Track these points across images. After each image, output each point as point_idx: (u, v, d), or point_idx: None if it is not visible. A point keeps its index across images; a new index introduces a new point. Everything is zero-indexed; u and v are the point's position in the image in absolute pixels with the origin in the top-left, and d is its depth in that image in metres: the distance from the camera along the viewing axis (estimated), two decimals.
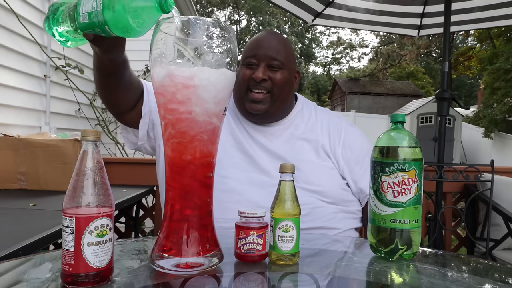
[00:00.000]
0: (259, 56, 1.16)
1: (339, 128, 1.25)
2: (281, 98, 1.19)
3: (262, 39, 1.20)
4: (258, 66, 1.16)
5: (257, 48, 1.17)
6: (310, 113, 1.29)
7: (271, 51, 1.16)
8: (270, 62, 1.16)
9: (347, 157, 1.21)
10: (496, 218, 2.02)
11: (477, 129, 13.57)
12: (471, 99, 28.69)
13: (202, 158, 0.72)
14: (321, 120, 1.27)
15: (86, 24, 0.77)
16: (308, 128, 1.24)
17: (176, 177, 0.72)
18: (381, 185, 0.78)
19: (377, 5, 2.94)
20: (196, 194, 0.72)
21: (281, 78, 1.17)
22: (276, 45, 1.18)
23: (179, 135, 0.71)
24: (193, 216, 0.72)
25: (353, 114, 14.41)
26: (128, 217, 2.24)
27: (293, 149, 1.19)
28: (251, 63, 1.17)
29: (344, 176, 1.21)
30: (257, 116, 1.19)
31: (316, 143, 1.21)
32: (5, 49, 2.50)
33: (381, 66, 31.13)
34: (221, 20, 0.73)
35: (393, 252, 0.78)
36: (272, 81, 1.16)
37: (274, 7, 29.35)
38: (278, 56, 1.16)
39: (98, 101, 3.90)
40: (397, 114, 0.82)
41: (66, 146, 1.90)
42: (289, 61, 1.19)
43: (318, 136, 1.22)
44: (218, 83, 0.70)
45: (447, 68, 2.14)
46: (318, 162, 1.19)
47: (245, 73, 1.17)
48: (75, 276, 0.60)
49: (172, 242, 0.71)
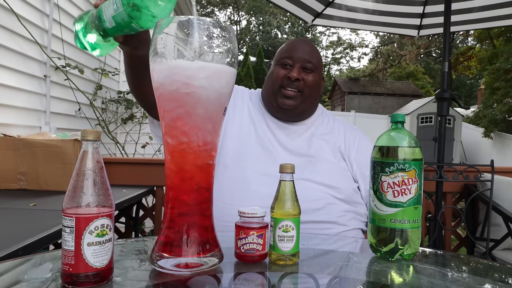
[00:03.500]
0: (295, 57, 1.26)
1: (354, 135, 1.35)
2: (310, 98, 1.28)
3: (297, 43, 1.31)
4: (293, 67, 1.26)
5: (292, 51, 1.27)
6: (329, 119, 1.38)
7: (306, 54, 1.27)
8: (304, 64, 1.26)
9: (360, 162, 1.27)
10: (496, 218, 2.02)
11: (477, 129, 13.56)
12: (471, 99, 28.69)
13: (202, 159, 0.72)
14: (338, 126, 1.36)
15: (114, 28, 0.80)
16: (327, 131, 1.33)
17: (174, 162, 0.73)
18: (381, 185, 0.78)
19: (377, 5, 2.94)
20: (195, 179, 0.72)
21: (313, 80, 1.27)
22: (310, 49, 1.29)
23: (179, 135, 0.71)
24: (191, 203, 0.72)
25: (353, 114, 14.40)
26: (128, 217, 2.24)
27: (313, 147, 1.27)
28: (286, 63, 1.27)
29: (356, 179, 1.27)
30: (287, 112, 1.27)
31: (334, 145, 1.29)
32: (5, 49, 2.50)
33: (381, 66, 31.13)
34: (221, 20, 0.72)
35: (393, 252, 0.78)
36: (305, 81, 1.25)
37: (274, 7, 29.35)
38: (311, 59, 1.27)
39: (98, 101, 3.91)
40: (397, 114, 0.82)
41: (66, 146, 1.90)
42: (319, 65, 1.31)
43: (335, 138, 1.31)
44: (218, 83, 0.70)
45: (447, 68, 2.14)
46: (334, 162, 1.26)
47: (280, 72, 1.27)
48: (75, 276, 0.60)
49: (172, 242, 0.70)
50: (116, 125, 4.16)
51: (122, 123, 4.19)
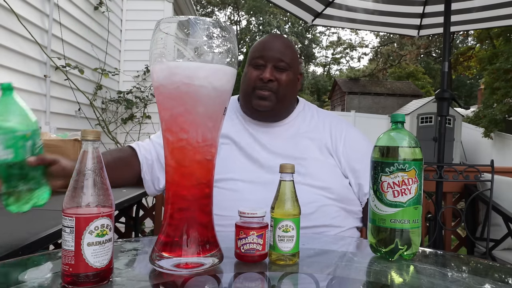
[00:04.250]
0: (267, 57, 1.20)
1: (340, 128, 1.29)
2: (285, 98, 1.23)
3: (269, 41, 1.24)
4: (265, 67, 1.21)
5: (264, 50, 1.22)
6: (312, 114, 1.33)
7: (278, 53, 1.21)
8: (277, 63, 1.20)
9: (348, 156, 1.23)
10: (496, 218, 2.02)
11: (477, 129, 13.56)
12: (471, 99, 28.69)
13: (202, 159, 0.72)
14: (323, 120, 1.31)
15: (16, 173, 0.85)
16: (311, 128, 1.28)
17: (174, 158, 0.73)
18: (381, 185, 0.78)
19: (377, 5, 2.94)
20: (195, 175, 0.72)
21: (287, 79, 1.21)
22: (282, 47, 1.23)
23: (179, 132, 0.71)
24: (191, 198, 0.72)
25: (353, 114, 14.40)
26: (128, 217, 2.24)
27: (298, 147, 1.22)
28: (259, 64, 1.21)
29: (346, 174, 1.23)
30: (262, 114, 1.23)
31: (320, 142, 1.24)
32: (5, 49, 2.50)
33: (381, 66, 31.13)
34: (221, 20, 0.72)
35: (393, 252, 0.78)
36: (278, 81, 1.20)
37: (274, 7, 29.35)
38: (284, 57, 1.21)
39: (98, 101, 3.91)
40: (397, 114, 0.82)
41: (66, 146, 1.90)
42: (293, 63, 1.24)
43: (321, 134, 1.26)
44: (218, 82, 0.70)
45: (447, 68, 2.14)
46: (322, 159, 1.22)
47: (252, 73, 1.22)
48: (75, 276, 0.60)
49: (172, 242, 0.71)
50: (116, 125, 4.16)
51: (122, 123, 4.19)
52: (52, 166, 0.96)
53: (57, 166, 0.96)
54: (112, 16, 4.14)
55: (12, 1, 2.47)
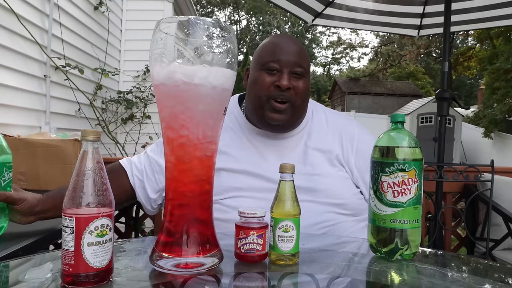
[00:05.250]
0: (283, 61, 1.06)
1: (351, 135, 1.19)
2: (301, 109, 1.12)
3: (282, 42, 1.10)
4: (281, 73, 1.07)
5: (279, 52, 1.07)
6: (321, 120, 1.22)
7: (295, 56, 1.07)
8: (293, 68, 1.07)
9: (360, 166, 1.16)
10: (496, 218, 2.02)
11: (477, 129, 13.56)
12: (471, 99, 28.69)
13: (203, 158, 0.72)
14: (333, 128, 1.20)
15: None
16: (321, 137, 1.18)
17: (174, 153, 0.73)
18: (381, 185, 0.78)
19: (377, 5, 2.94)
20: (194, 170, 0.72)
21: (304, 87, 1.09)
22: (298, 50, 1.10)
23: (179, 129, 0.71)
24: (190, 195, 0.72)
25: (353, 114, 14.41)
26: (128, 217, 2.23)
27: (308, 162, 1.13)
28: (273, 68, 1.07)
29: (358, 184, 1.16)
30: (274, 127, 1.11)
31: (330, 154, 1.15)
32: (5, 49, 2.50)
33: (381, 66, 31.11)
34: (221, 20, 0.73)
35: (393, 252, 0.78)
36: (295, 90, 1.07)
37: (274, 7, 29.35)
38: (302, 62, 1.08)
39: (98, 101, 3.91)
40: (397, 114, 0.82)
41: (66, 146, 1.90)
42: (309, 68, 1.13)
43: (330, 145, 1.17)
44: (218, 82, 0.70)
45: (447, 68, 2.14)
46: (333, 173, 1.14)
47: (266, 79, 1.07)
48: (75, 276, 0.60)
49: (172, 242, 0.71)
50: (116, 125, 4.16)
51: (122, 123, 4.19)
52: (19, 205, 0.97)
53: (23, 205, 0.97)
54: (112, 16, 4.14)
55: (12, 1, 2.47)
